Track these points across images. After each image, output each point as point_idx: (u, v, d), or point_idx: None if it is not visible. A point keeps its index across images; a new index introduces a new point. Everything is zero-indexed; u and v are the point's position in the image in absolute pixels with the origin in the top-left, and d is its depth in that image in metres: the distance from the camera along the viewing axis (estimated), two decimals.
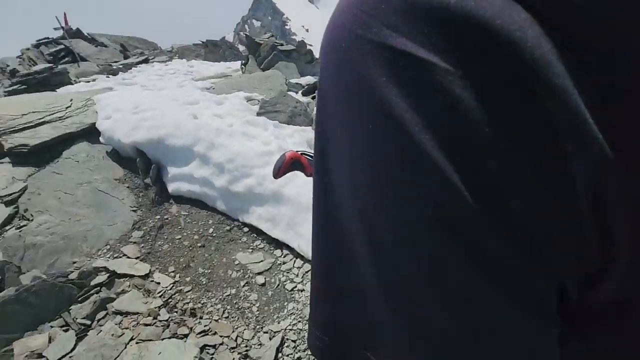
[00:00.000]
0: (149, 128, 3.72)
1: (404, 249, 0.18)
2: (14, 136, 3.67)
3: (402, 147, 0.16)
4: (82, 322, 2.36)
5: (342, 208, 0.20)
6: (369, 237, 0.19)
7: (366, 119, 0.17)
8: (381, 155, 0.17)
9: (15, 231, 2.90)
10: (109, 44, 11.02)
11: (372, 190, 0.18)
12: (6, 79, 8.26)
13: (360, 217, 0.19)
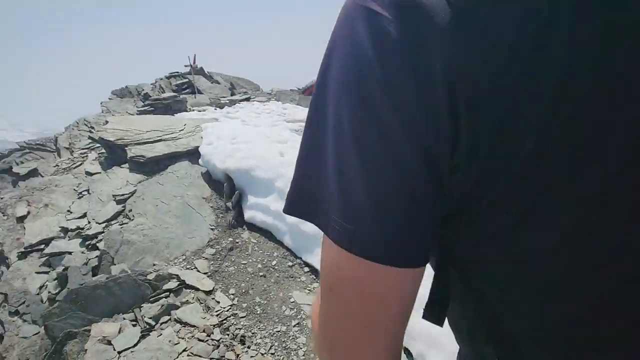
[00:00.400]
0: (240, 158, 4.14)
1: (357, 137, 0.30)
2: (136, 147, 4.40)
3: (363, 58, 0.28)
4: (148, 322, 2.58)
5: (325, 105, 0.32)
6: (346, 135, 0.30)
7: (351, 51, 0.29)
8: (353, 60, 0.29)
9: (118, 227, 3.39)
10: (221, 82, 12.80)
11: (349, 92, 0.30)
12: (140, 101, 10.07)
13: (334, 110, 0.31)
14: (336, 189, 0.31)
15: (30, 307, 2.81)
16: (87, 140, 5.59)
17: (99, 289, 2.64)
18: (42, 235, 3.37)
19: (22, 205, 3.80)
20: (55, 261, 3.11)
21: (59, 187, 4.14)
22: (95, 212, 3.64)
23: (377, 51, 0.28)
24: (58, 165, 5.29)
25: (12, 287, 2.93)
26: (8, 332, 2.73)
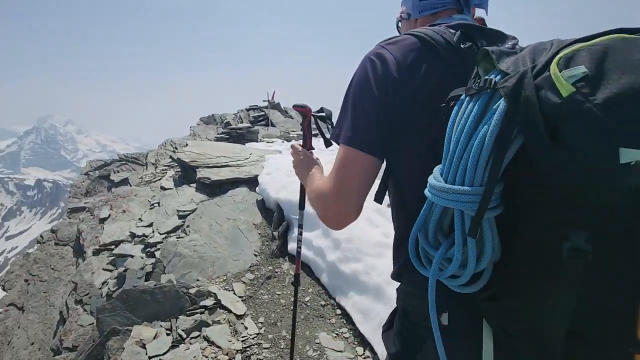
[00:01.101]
0: (293, 190, 4.32)
1: (347, 106, 0.81)
2: (205, 170, 4.88)
3: (359, 86, 0.79)
4: (180, 333, 2.74)
5: (349, 97, 0.82)
6: (347, 105, 0.81)
7: (356, 78, 0.80)
8: (354, 88, 0.81)
9: (175, 239, 3.74)
10: (295, 117, 13.69)
11: (350, 94, 0.81)
12: (220, 128, 11.24)
13: (348, 100, 0.82)
14: (346, 122, 0.79)
15: (92, 299, 3.19)
16: (169, 159, 6.37)
17: (145, 294, 2.90)
18: (114, 237, 3.87)
19: (106, 209, 4.43)
20: (119, 262, 3.52)
21: (138, 197, 4.75)
22: (160, 223, 4.08)
23: (369, 75, 0.77)
24: (142, 178, 6.08)
25: (82, 279, 3.37)
26: (70, 317, 3.12)
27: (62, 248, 4.09)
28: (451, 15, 0.88)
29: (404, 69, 0.74)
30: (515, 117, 0.52)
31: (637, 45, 0.47)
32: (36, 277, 3.71)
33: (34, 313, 3.40)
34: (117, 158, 8.86)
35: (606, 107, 0.44)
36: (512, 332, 0.62)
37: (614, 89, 0.44)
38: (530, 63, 0.54)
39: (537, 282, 0.56)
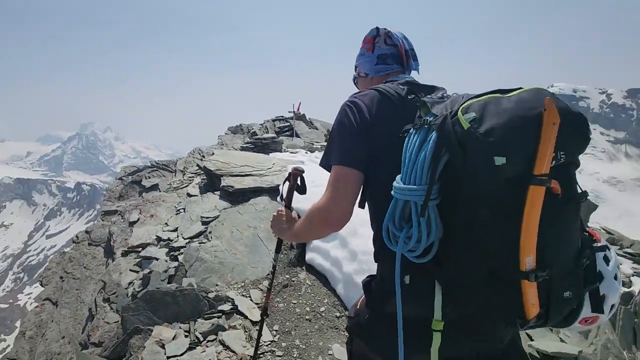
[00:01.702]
0: (313, 200, 4.38)
1: (334, 139, 1.14)
2: (229, 178, 5.06)
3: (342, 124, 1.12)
4: (197, 336, 2.83)
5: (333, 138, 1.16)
6: (334, 138, 1.15)
7: (339, 118, 1.14)
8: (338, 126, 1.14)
9: (197, 244, 3.89)
10: (320, 128, 13.86)
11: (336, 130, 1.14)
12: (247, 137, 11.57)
13: (335, 134, 1.15)
14: (334, 150, 1.12)
15: (118, 298, 3.37)
16: (196, 167, 6.63)
17: (167, 296, 3.03)
18: (142, 240, 4.07)
19: (136, 213, 4.67)
20: (145, 264, 3.70)
21: (165, 202, 4.98)
22: (184, 228, 4.26)
23: (349, 116, 1.11)
24: (170, 184, 6.36)
25: (110, 278, 3.57)
26: (98, 314, 3.30)
27: (95, 248, 4.35)
28: (398, 75, 1.30)
29: (372, 113, 1.11)
30: (442, 142, 0.88)
31: (502, 101, 0.88)
32: (70, 274, 3.97)
33: (66, 308, 3.62)
34: (149, 165, 9.30)
35: (485, 135, 0.82)
36: (451, 284, 0.95)
37: (488, 125, 0.83)
38: (450, 109, 0.90)
39: (463, 246, 0.89)
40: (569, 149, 0.88)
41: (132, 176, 8.51)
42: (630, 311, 3.14)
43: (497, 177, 0.83)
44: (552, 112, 0.82)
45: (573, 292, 0.91)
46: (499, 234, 0.85)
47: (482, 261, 0.88)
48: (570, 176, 0.91)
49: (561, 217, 0.88)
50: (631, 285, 4.33)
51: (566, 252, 0.91)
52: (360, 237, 3.69)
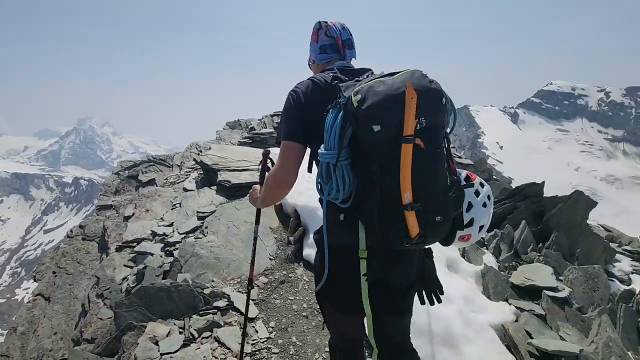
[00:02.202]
0: (309, 196, 4.32)
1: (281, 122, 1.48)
2: (225, 173, 4.98)
3: (286, 109, 1.46)
4: (192, 332, 2.78)
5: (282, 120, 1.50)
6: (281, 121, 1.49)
7: (284, 106, 1.47)
8: (283, 111, 1.48)
9: (192, 240, 3.82)
10: None
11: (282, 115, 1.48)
12: (245, 133, 11.46)
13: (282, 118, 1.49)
14: (283, 130, 1.44)
15: (112, 293, 3.31)
16: (193, 162, 6.55)
17: (162, 292, 2.97)
18: (137, 235, 4.00)
19: (131, 207, 4.60)
20: (139, 259, 3.64)
21: (161, 197, 4.90)
22: (180, 223, 4.19)
23: (292, 102, 1.44)
24: (167, 179, 6.28)
25: (104, 273, 3.51)
26: (91, 310, 3.24)
27: (89, 243, 4.28)
28: (335, 62, 1.59)
29: (307, 98, 1.44)
30: (346, 117, 1.21)
31: (379, 84, 1.20)
32: (63, 269, 3.90)
33: (58, 304, 3.56)
34: (146, 159, 9.20)
35: (366, 110, 1.16)
36: (367, 220, 1.28)
37: (368, 103, 1.16)
38: (351, 92, 1.22)
39: (368, 191, 1.24)
40: (428, 115, 1.22)
41: (128, 171, 8.42)
42: (631, 309, 3.10)
43: (378, 139, 1.18)
44: (410, 91, 1.18)
45: (443, 216, 1.26)
46: (386, 179, 1.20)
47: (380, 201, 1.22)
48: (433, 135, 1.24)
49: (426, 164, 1.22)
50: (631, 283, 4.30)
51: (434, 189, 1.25)
52: None
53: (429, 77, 1.29)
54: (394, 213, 1.21)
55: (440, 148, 1.28)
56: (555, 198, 4.40)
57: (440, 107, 1.27)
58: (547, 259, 3.55)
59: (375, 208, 1.24)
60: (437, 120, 1.27)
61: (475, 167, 7.42)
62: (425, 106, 1.21)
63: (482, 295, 3.09)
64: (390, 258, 1.40)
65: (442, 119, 1.30)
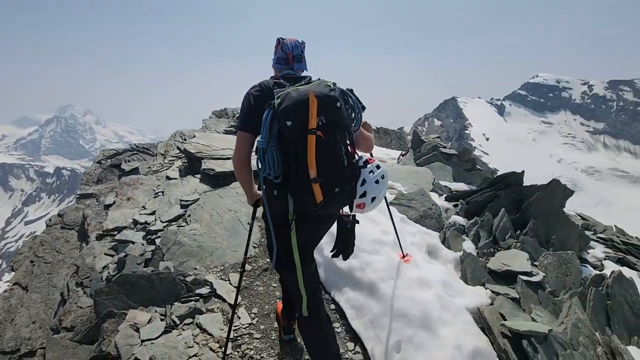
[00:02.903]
0: None
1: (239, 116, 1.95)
2: (210, 161, 4.93)
3: (242, 106, 1.93)
4: (174, 319, 2.78)
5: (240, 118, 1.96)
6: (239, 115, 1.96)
7: (242, 103, 1.94)
8: (241, 107, 1.94)
9: (175, 228, 3.79)
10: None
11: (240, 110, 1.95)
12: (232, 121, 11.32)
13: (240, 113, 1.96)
14: (239, 122, 1.93)
15: (92, 282, 3.27)
16: (177, 150, 6.45)
17: (143, 279, 2.95)
18: (117, 223, 3.94)
19: (112, 196, 4.51)
20: (120, 247, 3.59)
21: (143, 185, 4.83)
22: (162, 211, 4.14)
23: (245, 101, 1.92)
24: (150, 167, 6.17)
25: (84, 262, 3.45)
26: (70, 299, 3.20)
27: (68, 232, 4.19)
28: (284, 71, 2.02)
29: (255, 99, 1.88)
30: (273, 115, 1.73)
31: (292, 92, 1.74)
32: (41, 258, 3.82)
33: (37, 293, 3.50)
34: (129, 148, 9.01)
35: (282, 111, 1.70)
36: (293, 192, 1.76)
37: (283, 106, 1.71)
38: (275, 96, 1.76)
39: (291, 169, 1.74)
40: (327, 115, 1.74)
41: (111, 160, 8.24)
42: (601, 293, 3.24)
43: (291, 131, 1.69)
44: (312, 97, 1.70)
45: (340, 188, 1.78)
46: (299, 160, 1.71)
47: (297, 175, 1.73)
48: (331, 129, 1.75)
49: (326, 149, 1.73)
50: (603, 268, 4.47)
51: (332, 167, 1.75)
52: None
53: (336, 86, 1.84)
54: (305, 185, 1.73)
55: (337, 139, 1.77)
56: (534, 187, 4.51)
57: (335, 109, 1.77)
58: (524, 245, 3.65)
59: (294, 181, 1.75)
60: (334, 119, 1.77)
61: (460, 157, 7.53)
62: (324, 108, 1.73)
63: (460, 280, 3.17)
64: (314, 222, 1.94)
65: (339, 118, 1.79)
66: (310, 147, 1.68)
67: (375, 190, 1.91)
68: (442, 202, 4.95)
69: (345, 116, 1.82)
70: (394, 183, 5.32)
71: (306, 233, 1.91)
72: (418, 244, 3.62)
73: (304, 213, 1.83)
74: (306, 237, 1.92)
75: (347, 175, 1.81)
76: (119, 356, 2.43)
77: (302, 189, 1.73)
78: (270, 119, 1.72)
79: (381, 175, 1.94)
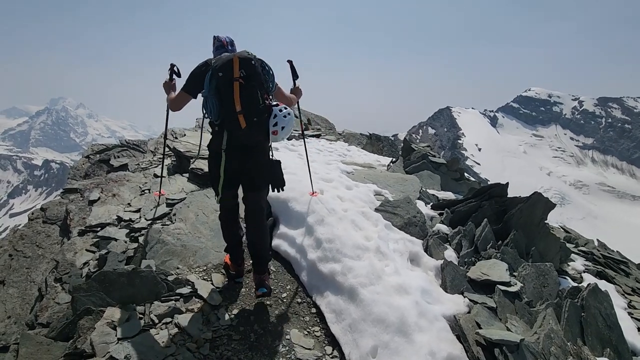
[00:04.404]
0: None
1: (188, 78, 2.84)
2: (199, 161, 4.92)
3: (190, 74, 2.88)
4: (152, 318, 2.76)
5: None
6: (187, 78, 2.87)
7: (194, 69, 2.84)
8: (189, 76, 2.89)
9: (160, 226, 3.77)
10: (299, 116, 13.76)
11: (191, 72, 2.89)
12: None
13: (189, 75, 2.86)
14: (184, 84, 2.86)
15: (71, 278, 3.23)
16: (167, 148, 6.41)
17: (123, 277, 2.93)
18: (101, 220, 3.90)
19: (97, 191, 4.47)
20: (102, 244, 3.56)
21: (129, 182, 4.79)
22: (147, 209, 4.11)
23: (193, 71, 2.80)
24: (138, 164, 6.13)
25: (64, 257, 3.41)
26: (48, 295, 3.16)
27: (50, 226, 4.14)
28: (222, 53, 2.86)
29: (198, 69, 2.78)
30: (212, 72, 2.70)
31: (224, 56, 2.74)
32: (20, 252, 3.76)
33: (14, 287, 3.44)
34: (119, 144, 8.92)
35: (215, 68, 2.69)
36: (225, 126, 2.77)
37: (217, 64, 2.69)
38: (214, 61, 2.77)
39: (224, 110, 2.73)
40: (246, 69, 2.67)
41: (100, 155, 8.14)
42: (577, 305, 3.31)
43: (223, 80, 2.64)
44: (235, 58, 2.67)
45: (258, 118, 2.69)
46: (229, 100, 2.64)
47: (228, 112, 2.67)
48: (249, 78, 2.68)
49: (246, 91, 2.66)
50: (582, 281, 4.57)
51: (251, 104, 2.67)
52: (326, 225, 3.70)
53: (253, 55, 2.77)
54: (233, 116, 2.66)
55: (254, 85, 2.69)
56: (517, 199, 4.60)
57: (251, 66, 2.70)
58: (504, 255, 3.72)
59: (226, 116, 2.70)
60: (250, 71, 2.69)
61: (448, 167, 7.62)
62: (243, 64, 2.68)
63: (439, 288, 3.22)
64: (239, 152, 2.81)
65: (254, 71, 2.71)
66: (236, 89, 2.63)
67: (283, 122, 2.76)
68: (427, 210, 5.01)
69: (259, 72, 2.74)
70: (381, 190, 5.37)
71: (234, 162, 2.82)
72: (400, 250, 3.66)
73: (232, 145, 2.76)
74: (234, 166, 2.83)
75: (261, 110, 2.72)
76: (94, 354, 2.41)
77: (231, 119, 2.67)
78: (209, 76, 2.67)
79: (288, 113, 2.80)
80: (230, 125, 2.67)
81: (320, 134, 11.69)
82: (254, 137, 2.75)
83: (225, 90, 2.63)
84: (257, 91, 2.67)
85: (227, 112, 2.65)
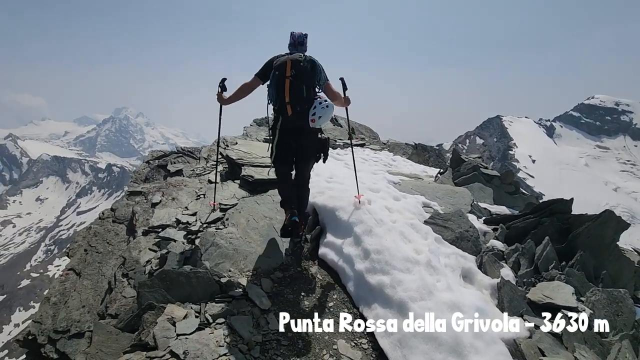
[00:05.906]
0: (330, 196, 4.38)
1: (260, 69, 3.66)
2: (249, 168, 5.13)
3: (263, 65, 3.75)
4: (207, 317, 2.90)
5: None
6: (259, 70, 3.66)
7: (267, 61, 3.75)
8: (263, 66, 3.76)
9: (213, 230, 3.97)
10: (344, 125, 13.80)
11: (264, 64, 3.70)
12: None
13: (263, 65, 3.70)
14: (258, 72, 3.67)
15: (136, 274, 3.50)
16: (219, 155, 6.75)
17: (182, 276, 3.12)
18: (162, 221, 4.20)
19: (159, 195, 4.82)
20: (163, 244, 3.82)
21: (187, 187, 5.11)
22: (203, 213, 4.36)
23: (265, 62, 3.62)
24: (194, 170, 6.52)
25: (130, 255, 3.71)
26: (116, 288, 3.44)
27: (118, 226, 4.53)
28: (292, 51, 3.68)
29: (269, 62, 3.59)
30: (273, 69, 3.54)
31: (282, 57, 3.56)
32: (94, 248, 4.16)
33: (88, 280, 3.80)
34: (175, 150, 9.55)
35: (274, 67, 3.55)
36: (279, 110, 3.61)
37: (276, 64, 3.54)
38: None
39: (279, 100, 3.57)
40: (296, 69, 3.44)
41: (158, 160, 8.77)
42: None
43: (278, 77, 3.47)
44: (288, 60, 3.47)
45: (300, 107, 3.46)
46: (281, 92, 3.47)
47: (282, 101, 3.48)
48: (298, 76, 3.45)
49: (295, 87, 3.44)
50: None
51: (298, 96, 3.45)
52: (374, 236, 3.66)
53: (306, 57, 3.51)
54: (284, 105, 3.44)
55: (301, 82, 3.42)
56: (584, 216, 4.23)
57: (300, 67, 3.42)
58: (569, 278, 3.43)
59: (279, 103, 3.47)
60: (299, 71, 3.42)
61: (502, 179, 7.22)
62: (294, 66, 3.42)
63: (496, 309, 3.04)
64: (296, 132, 3.53)
65: (302, 71, 3.43)
66: (287, 85, 3.40)
67: (321, 112, 3.40)
68: (480, 224, 4.77)
69: (308, 71, 3.45)
70: (430, 201, 5.21)
71: (285, 138, 3.56)
72: (452, 266, 3.51)
73: (284, 128, 3.51)
74: (285, 140, 3.56)
75: (305, 100, 3.43)
76: (156, 347, 2.58)
77: (282, 107, 3.45)
78: (274, 72, 3.44)
79: (327, 105, 3.43)
80: (282, 111, 3.48)
81: (365, 143, 11.64)
82: (297, 122, 3.48)
83: (280, 84, 3.43)
84: (303, 86, 3.43)
85: (281, 101, 3.46)
